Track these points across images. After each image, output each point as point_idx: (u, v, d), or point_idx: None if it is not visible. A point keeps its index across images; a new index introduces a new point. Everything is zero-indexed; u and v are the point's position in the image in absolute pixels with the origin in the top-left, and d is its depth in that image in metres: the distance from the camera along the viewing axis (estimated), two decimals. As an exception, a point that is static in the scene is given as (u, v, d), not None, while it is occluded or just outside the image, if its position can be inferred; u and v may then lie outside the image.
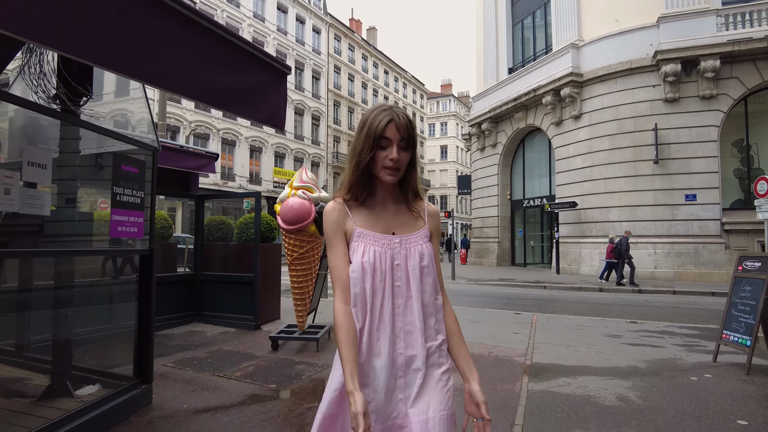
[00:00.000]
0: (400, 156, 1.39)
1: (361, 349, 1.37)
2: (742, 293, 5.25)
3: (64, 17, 1.57)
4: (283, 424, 3.31)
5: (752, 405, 3.85)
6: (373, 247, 1.42)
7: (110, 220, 3.27)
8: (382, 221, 1.46)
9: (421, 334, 1.41)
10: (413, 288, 1.42)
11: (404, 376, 1.39)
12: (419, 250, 1.45)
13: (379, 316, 1.40)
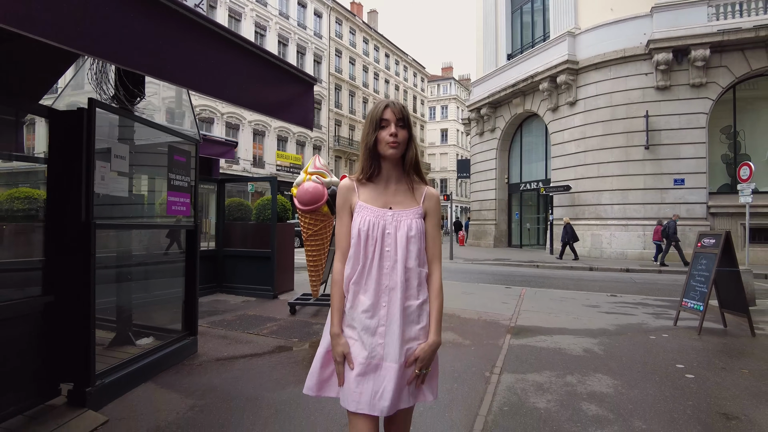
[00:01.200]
0: (397, 132, 1.69)
1: (349, 298, 1.71)
2: (699, 266, 6.03)
3: (175, 61, 2.29)
4: (306, 365, 4.10)
5: (692, 355, 4.65)
6: (368, 217, 1.70)
7: (167, 200, 4.02)
8: (383, 198, 1.74)
9: (402, 293, 1.66)
10: (399, 254, 1.68)
11: (385, 325, 1.65)
12: (408, 223, 1.71)
13: (368, 274, 1.68)
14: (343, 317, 1.70)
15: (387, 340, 1.64)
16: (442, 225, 31.13)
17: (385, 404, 1.57)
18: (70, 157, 3.03)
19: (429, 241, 1.76)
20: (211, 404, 3.24)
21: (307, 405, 3.21)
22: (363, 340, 1.65)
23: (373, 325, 1.65)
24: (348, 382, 1.62)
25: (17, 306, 2.87)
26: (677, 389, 3.67)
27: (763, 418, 3.15)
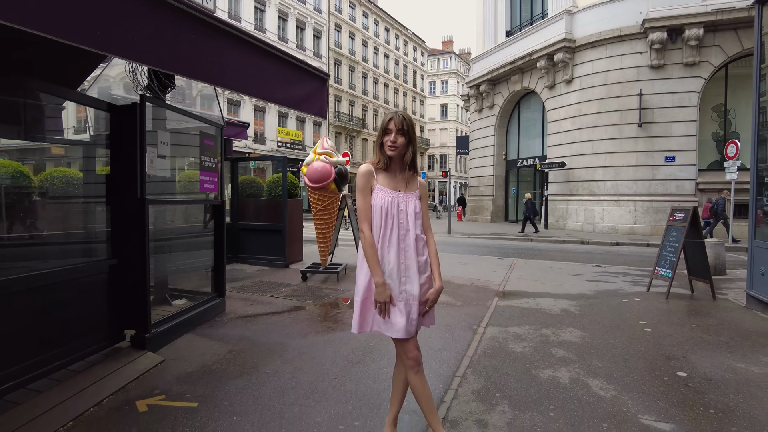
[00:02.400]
0: (396, 139, 2.24)
1: (390, 257, 2.25)
2: (670, 238, 6.69)
3: (231, 72, 2.87)
4: (322, 320, 4.82)
5: (656, 314, 5.35)
6: (387, 197, 2.27)
7: (199, 179, 4.64)
8: (394, 183, 2.31)
9: (414, 252, 2.27)
10: (410, 225, 2.28)
11: (406, 275, 2.25)
12: (414, 203, 2.31)
13: (389, 240, 2.25)
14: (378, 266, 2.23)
15: (409, 286, 2.23)
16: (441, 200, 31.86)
17: (415, 328, 2.22)
18: (126, 144, 3.63)
19: (424, 216, 2.36)
20: (245, 349, 3.93)
21: (324, 347, 3.91)
22: (392, 287, 2.22)
23: (398, 276, 2.23)
24: (393, 321, 2.20)
25: (90, 267, 3.52)
26: (634, 339, 4.37)
27: (696, 357, 3.84)
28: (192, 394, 3.04)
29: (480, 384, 3.23)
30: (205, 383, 3.22)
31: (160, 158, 4.07)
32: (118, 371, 3.30)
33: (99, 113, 3.71)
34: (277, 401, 2.95)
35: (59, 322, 3.18)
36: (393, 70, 49.47)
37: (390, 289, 2.21)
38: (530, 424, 2.68)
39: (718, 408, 2.95)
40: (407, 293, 2.24)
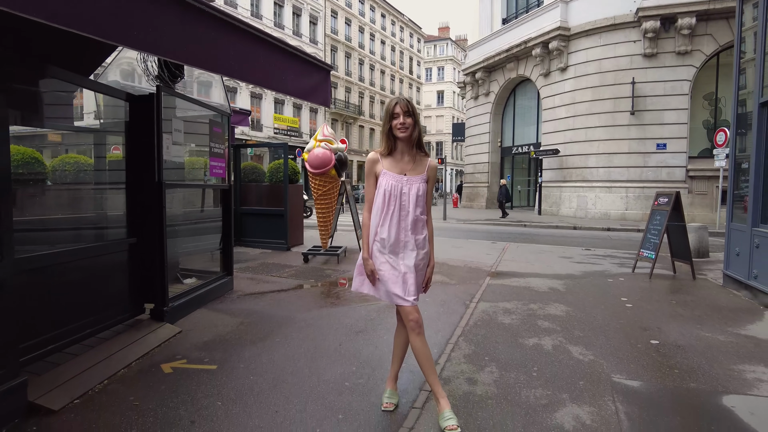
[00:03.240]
0: (405, 120, 2.41)
1: (379, 235, 2.49)
2: (654, 221, 7.04)
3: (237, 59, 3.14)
4: (325, 297, 5.15)
5: (637, 292, 5.71)
6: (391, 181, 2.46)
7: (209, 165, 4.92)
8: (399, 166, 2.50)
9: (412, 231, 2.49)
10: (411, 206, 2.47)
11: (404, 251, 2.49)
12: (417, 186, 2.48)
13: (391, 219, 2.46)
14: (371, 248, 2.52)
15: (407, 260, 2.47)
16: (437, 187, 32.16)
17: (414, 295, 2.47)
18: (144, 131, 3.91)
19: (429, 198, 2.56)
20: (255, 321, 4.25)
21: (328, 319, 4.25)
22: (391, 261, 2.48)
23: (398, 252, 2.48)
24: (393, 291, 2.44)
25: (112, 245, 3.81)
26: (615, 313, 4.72)
27: (668, 328, 4.20)
28: (210, 359, 3.37)
29: (471, 349, 3.57)
30: (221, 350, 3.55)
31: (175, 144, 4.35)
32: (142, 339, 3.62)
33: (117, 102, 3.96)
34: (288, 364, 3.28)
35: (88, 295, 3.48)
36: (389, 57, 49.39)
37: (383, 264, 2.48)
38: (515, 381, 3.02)
39: (681, 368, 3.30)
40: (405, 266, 2.47)
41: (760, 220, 5.41)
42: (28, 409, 2.53)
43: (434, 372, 2.49)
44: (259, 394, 2.81)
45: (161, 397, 2.77)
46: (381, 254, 2.51)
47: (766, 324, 4.43)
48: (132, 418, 2.52)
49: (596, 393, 2.89)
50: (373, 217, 2.53)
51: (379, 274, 2.50)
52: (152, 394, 2.81)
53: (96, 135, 4.34)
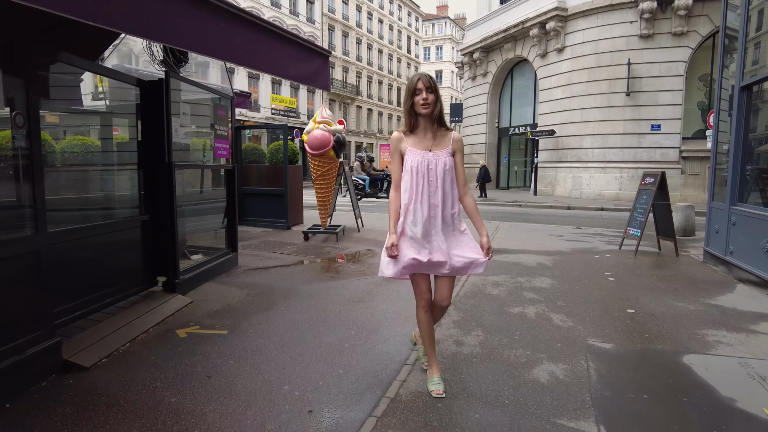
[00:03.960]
0: (428, 96, 2.42)
1: (410, 212, 2.48)
2: (640, 200, 7.33)
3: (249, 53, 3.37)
4: (325, 271, 5.47)
5: (621, 267, 6.03)
6: (416, 158, 2.47)
7: (214, 147, 5.16)
8: (423, 143, 2.50)
9: (441, 206, 2.48)
10: (439, 181, 2.47)
11: (434, 227, 2.50)
12: (444, 160, 2.48)
13: (421, 196, 2.46)
14: (397, 224, 2.50)
15: (437, 238, 2.50)
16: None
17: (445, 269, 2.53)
18: (154, 115, 4.14)
19: (459, 171, 2.56)
20: (260, 293, 4.56)
21: (329, 291, 4.57)
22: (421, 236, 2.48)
23: (429, 228, 2.49)
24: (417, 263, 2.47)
25: (128, 221, 4.09)
26: (597, 286, 5.04)
27: (645, 299, 4.53)
28: (221, 325, 3.68)
29: (460, 316, 3.89)
30: (231, 317, 3.86)
31: (183, 127, 4.59)
32: (156, 309, 3.92)
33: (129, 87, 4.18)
34: (293, 329, 3.59)
35: (108, 267, 3.77)
36: (387, 36, 48.97)
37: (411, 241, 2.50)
38: (498, 343, 3.34)
39: (651, 333, 3.63)
40: (435, 243, 2.51)
41: (738, 199, 5.70)
42: (63, 366, 2.84)
43: (433, 347, 2.70)
44: (268, 354, 3.13)
45: (179, 356, 3.08)
46: (411, 230, 2.51)
47: (735, 295, 4.76)
48: (155, 373, 2.83)
49: (571, 353, 3.21)
50: (402, 195, 2.53)
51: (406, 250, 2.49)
52: (171, 354, 3.12)
53: (110, 118, 4.57)
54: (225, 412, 2.40)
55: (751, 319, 3.98)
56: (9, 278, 2.57)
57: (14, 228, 2.71)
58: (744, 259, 5.33)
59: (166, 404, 2.47)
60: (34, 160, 2.66)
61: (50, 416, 2.34)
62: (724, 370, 2.99)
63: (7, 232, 2.68)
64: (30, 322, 2.67)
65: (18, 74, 2.59)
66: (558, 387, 2.71)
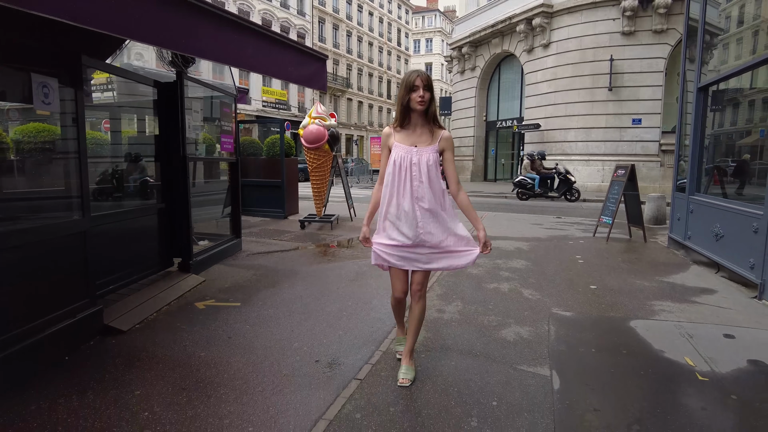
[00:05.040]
0: (424, 94, 2.44)
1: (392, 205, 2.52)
2: (612, 191, 7.94)
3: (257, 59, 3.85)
4: (322, 255, 6.00)
5: (592, 251, 6.62)
6: (401, 153, 2.49)
7: (220, 141, 5.64)
8: (411, 139, 2.52)
9: (428, 201, 2.48)
10: (423, 176, 2.48)
11: (421, 220, 2.50)
12: (428, 156, 2.48)
13: (404, 190, 2.49)
14: (372, 218, 2.66)
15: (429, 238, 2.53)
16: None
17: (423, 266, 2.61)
18: (170, 112, 4.62)
19: (449, 167, 2.60)
20: (265, 273, 5.08)
21: (326, 272, 5.09)
22: (403, 230, 2.53)
23: (411, 221, 2.51)
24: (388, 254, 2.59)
25: (145, 208, 4.58)
26: (566, 267, 5.62)
27: (608, 278, 5.12)
28: (234, 299, 4.20)
29: (442, 291, 4.45)
30: (241, 293, 4.38)
31: (194, 123, 5.06)
32: (175, 286, 4.43)
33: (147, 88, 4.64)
34: (297, 301, 4.12)
35: (133, 248, 4.27)
36: (377, 29, 49.20)
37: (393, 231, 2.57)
38: (474, 311, 3.90)
39: (607, 304, 4.21)
40: (423, 237, 2.54)
41: (695, 190, 6.31)
42: (104, 329, 3.34)
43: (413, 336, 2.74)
44: (278, 320, 3.66)
45: (201, 323, 3.60)
46: (393, 223, 2.57)
47: (687, 274, 5.37)
48: (183, 336, 3.35)
49: (536, 319, 3.78)
50: (384, 189, 2.59)
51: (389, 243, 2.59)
52: (194, 321, 3.64)
53: (132, 114, 5.04)
54: (247, 362, 2.92)
55: (695, 293, 4.58)
56: (63, 255, 3.06)
57: (66, 212, 3.20)
58: (699, 243, 5.94)
59: (197, 357, 3.00)
60: (81, 155, 3.15)
61: (104, 365, 2.85)
62: (661, 330, 3.58)
63: (61, 216, 3.17)
64: (79, 292, 3.17)
65: (72, 82, 3.07)
66: (522, 343, 3.28)
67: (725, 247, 5.18)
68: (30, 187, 3.30)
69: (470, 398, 2.48)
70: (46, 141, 3.32)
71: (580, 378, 2.79)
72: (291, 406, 2.41)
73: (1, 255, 2.59)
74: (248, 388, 2.60)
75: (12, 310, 2.67)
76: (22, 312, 2.73)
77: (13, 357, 2.59)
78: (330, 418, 2.29)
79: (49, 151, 3.36)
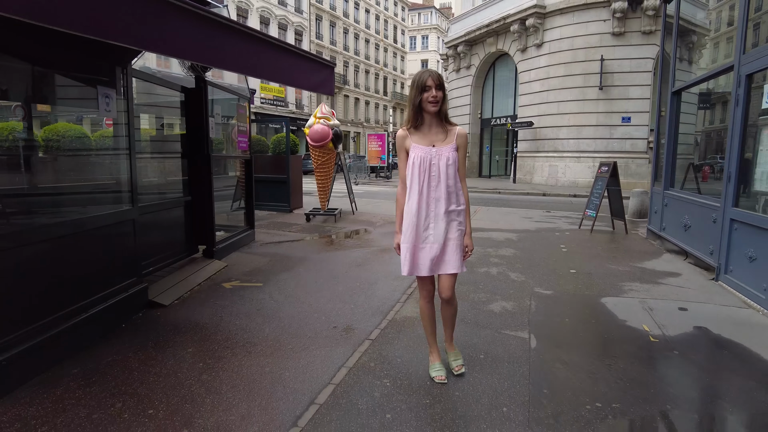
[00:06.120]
0: (437, 94, 2.42)
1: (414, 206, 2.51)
2: (597, 186, 8.54)
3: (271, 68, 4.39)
4: (329, 244, 6.57)
5: (576, 242, 7.22)
6: (420, 153, 2.49)
7: (237, 140, 6.19)
8: (427, 139, 2.52)
9: (445, 202, 2.50)
10: (442, 176, 2.49)
11: (434, 222, 2.52)
12: (447, 155, 2.49)
13: (420, 191, 2.50)
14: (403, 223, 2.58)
15: (435, 231, 2.53)
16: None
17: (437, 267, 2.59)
18: (195, 114, 5.16)
19: (460, 165, 2.56)
20: (278, 259, 5.64)
21: (335, 258, 5.67)
22: (419, 232, 2.54)
23: (426, 223, 2.54)
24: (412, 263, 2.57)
25: (174, 201, 5.12)
26: (550, 255, 6.21)
27: (587, 263, 5.71)
28: (256, 280, 4.76)
29: (439, 274, 5.03)
30: (261, 275, 4.94)
31: (216, 124, 5.61)
32: (202, 269, 4.99)
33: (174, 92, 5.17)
34: (312, 282, 4.70)
35: (166, 235, 4.82)
36: (374, 25, 49.63)
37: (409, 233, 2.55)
38: (466, 290, 4.48)
39: (583, 284, 4.81)
40: (432, 237, 2.55)
41: (670, 185, 6.92)
42: (148, 304, 3.90)
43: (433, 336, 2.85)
44: (297, 297, 4.23)
45: (231, 300, 4.16)
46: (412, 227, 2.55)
47: (658, 261, 5.98)
48: (217, 309, 3.91)
49: (520, 296, 4.36)
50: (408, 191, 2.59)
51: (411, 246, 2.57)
52: (225, 298, 4.20)
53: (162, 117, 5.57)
54: (276, 327, 3.50)
55: (662, 276, 5.19)
56: (119, 239, 3.61)
57: (119, 204, 3.75)
58: (671, 233, 6.55)
59: (234, 325, 3.56)
60: (131, 152, 3.70)
61: (156, 330, 3.42)
62: (627, 305, 4.17)
63: (117, 206, 3.72)
64: (130, 271, 3.73)
65: (124, 91, 3.62)
66: (506, 314, 3.86)
67: (692, 236, 5.79)
68: (89, 181, 3.85)
69: (462, 352, 3.05)
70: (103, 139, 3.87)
71: (553, 340, 3.38)
72: (317, 359, 2.98)
73: (78, 238, 3.15)
74: (280, 346, 3.17)
75: (82, 283, 3.23)
76: (89, 285, 3.29)
77: (83, 323, 3.14)
78: (350, 366, 2.87)
79: (104, 149, 3.90)
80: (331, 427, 2.25)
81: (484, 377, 2.77)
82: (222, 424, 2.28)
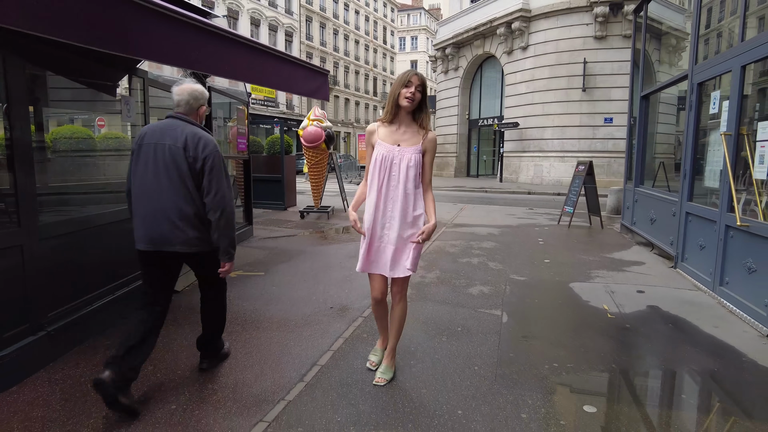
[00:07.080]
0: (415, 92, 2.42)
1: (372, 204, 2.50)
2: (574, 184, 9.08)
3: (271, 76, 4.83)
4: (323, 239, 7.02)
5: (553, 236, 7.75)
6: (382, 151, 2.46)
7: (236, 141, 6.62)
8: (394, 137, 2.49)
9: (401, 203, 2.46)
10: (401, 177, 2.46)
11: (390, 221, 2.49)
12: (409, 156, 2.45)
13: (379, 189, 2.48)
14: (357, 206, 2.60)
15: (390, 232, 2.50)
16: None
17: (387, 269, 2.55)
18: (200, 119, 5.58)
19: (426, 169, 2.52)
20: (277, 253, 6.08)
21: (329, 251, 6.13)
22: (376, 230, 2.52)
23: (381, 222, 2.51)
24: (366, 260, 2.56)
25: (181, 198, 5.54)
26: (528, 247, 6.72)
27: (561, 254, 6.23)
28: (258, 270, 5.21)
29: (425, 263, 5.51)
30: (262, 266, 5.38)
31: (219, 127, 6.04)
32: (206, 261, 5.41)
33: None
34: (309, 272, 5.15)
35: (173, 230, 5.24)
36: (363, 26, 50.07)
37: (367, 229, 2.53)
38: (449, 276, 4.97)
39: (555, 272, 5.31)
40: (386, 239, 2.52)
41: (640, 182, 7.47)
42: (163, 290, 4.32)
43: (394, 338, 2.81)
44: (296, 284, 4.68)
45: (237, 286, 4.60)
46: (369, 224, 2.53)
47: (627, 252, 6.51)
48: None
49: (497, 282, 4.86)
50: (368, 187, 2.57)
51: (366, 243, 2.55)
52: (231, 285, 4.58)
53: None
54: (280, 309, 3.95)
55: (627, 265, 5.72)
56: (137, 230, 4.04)
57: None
58: (640, 227, 7.09)
59: (242, 307, 4.01)
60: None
61: (173, 311, 3.84)
62: (592, 289, 4.69)
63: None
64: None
65: (142, 97, 4.05)
66: (483, 296, 4.35)
67: (656, 229, 6.33)
68: (111, 179, 4.26)
69: (442, 326, 3.53)
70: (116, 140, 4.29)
71: (523, 316, 3.87)
72: (317, 331, 3.44)
73: (115, 227, 3.58)
74: (284, 323, 3.63)
75: (117, 267, 3.66)
76: (120, 269, 3.71)
77: (119, 299, 3.57)
78: (346, 337, 3.34)
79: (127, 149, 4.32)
80: (332, 381, 2.72)
81: (460, 345, 3.25)
82: (240, 380, 2.73)
